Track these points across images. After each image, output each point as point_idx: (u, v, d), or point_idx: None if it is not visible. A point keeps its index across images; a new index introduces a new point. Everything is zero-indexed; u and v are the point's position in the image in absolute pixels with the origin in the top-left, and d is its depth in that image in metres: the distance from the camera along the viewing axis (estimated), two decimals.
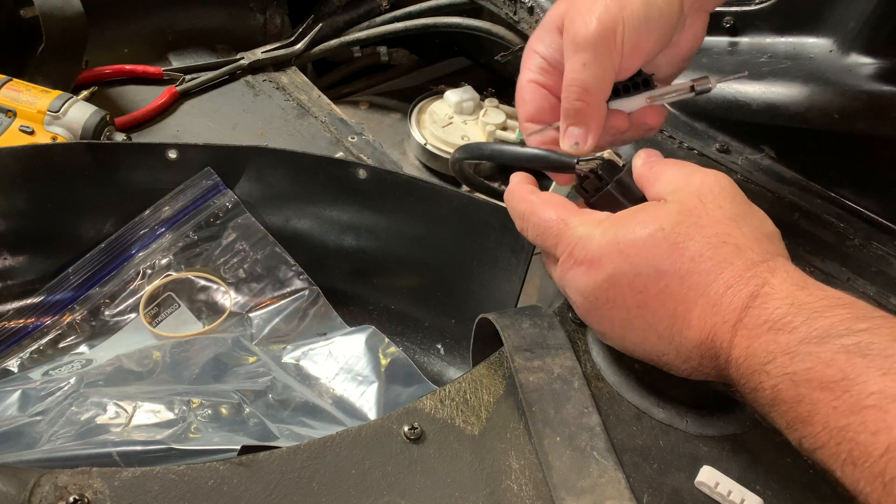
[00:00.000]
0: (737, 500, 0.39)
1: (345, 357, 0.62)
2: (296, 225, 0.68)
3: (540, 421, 0.41)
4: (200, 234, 0.66)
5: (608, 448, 0.41)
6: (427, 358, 0.68)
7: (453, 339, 0.68)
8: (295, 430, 0.53)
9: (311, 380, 0.61)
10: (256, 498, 0.37)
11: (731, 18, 0.71)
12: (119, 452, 0.47)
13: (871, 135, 0.62)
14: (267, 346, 0.64)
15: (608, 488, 0.39)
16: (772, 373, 0.35)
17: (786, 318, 0.35)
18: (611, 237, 0.41)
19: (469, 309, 0.66)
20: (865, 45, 0.63)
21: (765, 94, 0.65)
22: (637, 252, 0.40)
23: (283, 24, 0.97)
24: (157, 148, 0.64)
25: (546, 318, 0.48)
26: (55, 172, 0.62)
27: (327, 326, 0.66)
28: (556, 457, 0.40)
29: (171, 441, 0.48)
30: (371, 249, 0.68)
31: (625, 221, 0.41)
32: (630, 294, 0.40)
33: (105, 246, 0.64)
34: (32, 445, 0.49)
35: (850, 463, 0.31)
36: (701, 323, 0.38)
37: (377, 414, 0.59)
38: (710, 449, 0.42)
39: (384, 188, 0.65)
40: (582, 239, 0.42)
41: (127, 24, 0.89)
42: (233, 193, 0.66)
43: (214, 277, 0.65)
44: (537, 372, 0.44)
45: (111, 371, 0.55)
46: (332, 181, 0.66)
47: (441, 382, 0.66)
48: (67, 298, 0.63)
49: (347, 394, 0.60)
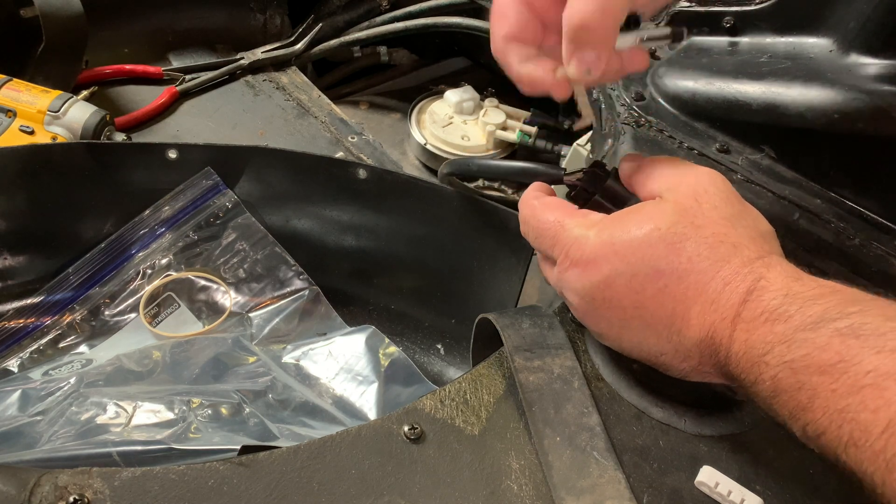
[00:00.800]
0: (737, 499, 0.39)
1: (345, 357, 0.62)
2: (296, 225, 0.68)
3: (540, 421, 0.41)
4: (200, 234, 0.66)
5: (608, 448, 0.41)
6: (427, 358, 0.68)
7: (453, 339, 0.68)
8: (295, 430, 0.53)
9: (311, 380, 0.61)
10: (256, 498, 0.37)
11: (731, 18, 0.71)
12: (119, 452, 0.47)
13: (872, 135, 0.62)
14: (267, 346, 0.64)
15: (608, 488, 0.39)
16: (771, 363, 0.35)
17: (781, 308, 0.35)
18: (606, 238, 0.41)
19: (469, 309, 0.66)
20: (865, 45, 0.63)
21: (765, 94, 0.65)
22: (633, 252, 0.39)
23: (283, 24, 0.97)
24: (156, 148, 0.64)
25: (546, 318, 0.48)
26: (55, 172, 0.62)
27: (327, 326, 0.66)
28: (556, 457, 0.40)
29: (171, 441, 0.48)
30: (371, 249, 0.68)
31: (620, 222, 0.41)
32: (627, 294, 0.40)
33: (105, 246, 0.64)
34: (32, 445, 0.49)
35: (852, 445, 0.31)
36: (700, 321, 0.38)
37: (377, 414, 0.59)
38: (710, 449, 0.42)
39: (384, 188, 0.65)
40: (577, 240, 0.42)
41: (127, 24, 0.89)
42: (233, 193, 0.66)
43: (214, 277, 0.66)
44: (537, 372, 0.44)
45: (111, 371, 0.55)
46: (331, 181, 0.66)
47: (441, 382, 0.66)
48: (67, 298, 0.63)
49: (347, 394, 0.60)
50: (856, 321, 0.33)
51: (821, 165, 0.64)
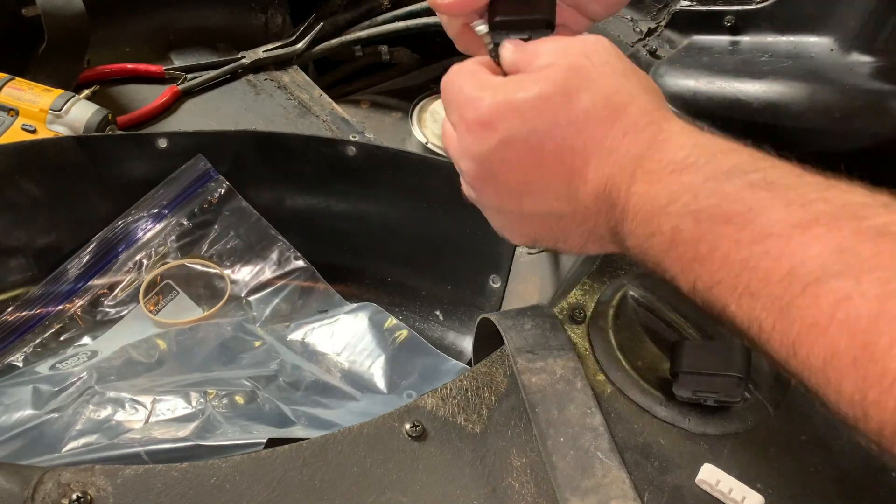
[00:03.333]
0: (738, 498, 0.39)
1: (350, 334, 0.63)
2: (289, 205, 0.69)
3: (543, 422, 0.41)
4: (195, 221, 0.66)
5: (612, 448, 0.41)
6: (427, 325, 0.69)
7: (451, 305, 0.69)
8: (310, 412, 0.54)
9: (318, 356, 0.62)
10: (259, 495, 0.37)
11: (732, 17, 0.71)
12: (147, 452, 0.47)
13: (872, 133, 0.62)
14: (270, 326, 0.64)
15: (612, 488, 0.39)
16: (673, 213, 0.34)
17: (689, 159, 0.35)
18: (501, 97, 0.39)
19: (464, 274, 0.67)
20: (867, 45, 0.63)
21: (766, 93, 0.65)
22: (530, 108, 0.38)
23: (285, 23, 0.97)
24: (146, 138, 0.65)
25: (548, 319, 0.48)
26: (48, 167, 0.63)
27: (327, 303, 0.67)
28: (559, 457, 0.40)
29: (196, 437, 0.48)
30: (365, 224, 0.69)
31: (515, 82, 0.40)
32: (526, 153, 0.39)
33: (101, 237, 0.64)
34: (54, 445, 0.49)
35: (747, 294, 0.31)
36: (598, 174, 0.38)
37: (386, 385, 0.60)
38: (711, 447, 0.42)
39: (374, 164, 0.66)
40: (471, 100, 0.40)
41: (128, 23, 0.89)
42: (224, 179, 0.66)
43: (211, 263, 0.66)
44: (540, 373, 0.44)
45: (120, 364, 0.56)
46: (322, 160, 0.67)
47: (442, 347, 0.66)
48: (66, 291, 0.63)
49: (356, 367, 0.61)
50: (768, 174, 0.32)
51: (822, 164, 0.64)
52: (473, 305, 0.69)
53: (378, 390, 0.60)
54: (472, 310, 0.69)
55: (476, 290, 0.68)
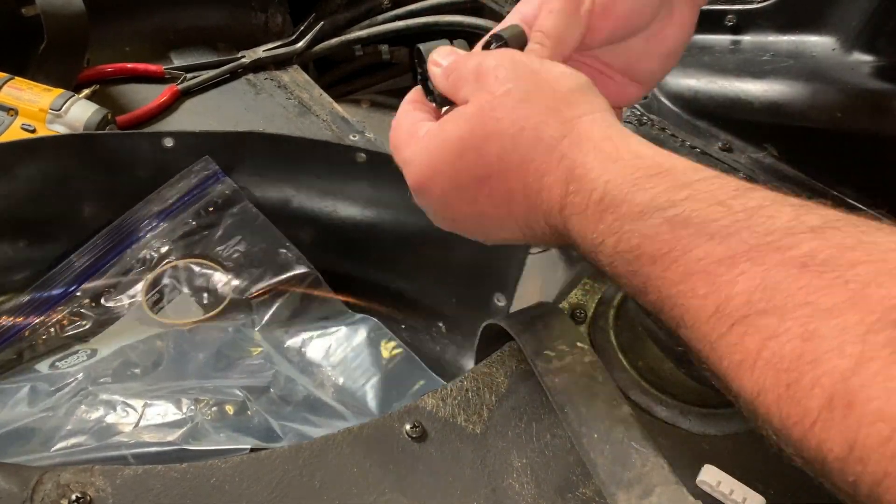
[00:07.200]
0: (739, 498, 0.39)
1: (347, 349, 0.62)
2: (294, 209, 0.68)
3: (574, 421, 0.41)
4: (199, 222, 0.66)
5: (644, 436, 0.40)
6: (428, 337, 0.68)
7: (454, 318, 0.68)
8: (298, 428, 0.53)
9: (314, 367, 0.62)
10: (258, 496, 0.37)
11: (734, 17, 0.70)
12: (133, 454, 0.47)
13: (874, 133, 0.62)
14: (269, 331, 0.64)
15: (654, 475, 0.38)
16: (605, 252, 0.35)
17: (605, 200, 0.35)
18: (425, 160, 0.41)
19: (470, 289, 0.66)
20: (868, 44, 0.63)
21: (767, 92, 0.65)
22: (451, 168, 0.40)
23: (285, 22, 0.97)
24: (152, 136, 0.65)
25: (556, 316, 0.47)
26: (51, 165, 0.62)
27: (328, 310, 0.67)
28: (597, 454, 0.39)
29: (183, 442, 0.48)
30: (370, 231, 0.68)
31: (434, 139, 0.41)
32: (466, 205, 0.41)
33: (105, 235, 0.64)
34: (45, 443, 0.49)
35: (683, 327, 0.31)
36: (536, 216, 0.39)
37: (378, 406, 0.59)
38: (713, 447, 0.42)
39: (383, 171, 0.65)
40: (404, 164, 0.42)
41: (128, 22, 0.89)
42: (230, 180, 0.66)
43: (214, 264, 0.66)
44: (561, 373, 0.43)
45: (117, 366, 0.56)
46: (330, 165, 0.66)
47: (443, 361, 0.66)
48: (69, 289, 0.63)
49: (349, 385, 0.61)
50: (686, 208, 0.32)
51: (823, 164, 0.64)
52: (477, 322, 0.68)
53: (369, 411, 0.59)
54: (476, 326, 0.67)
55: (480, 307, 0.67)
